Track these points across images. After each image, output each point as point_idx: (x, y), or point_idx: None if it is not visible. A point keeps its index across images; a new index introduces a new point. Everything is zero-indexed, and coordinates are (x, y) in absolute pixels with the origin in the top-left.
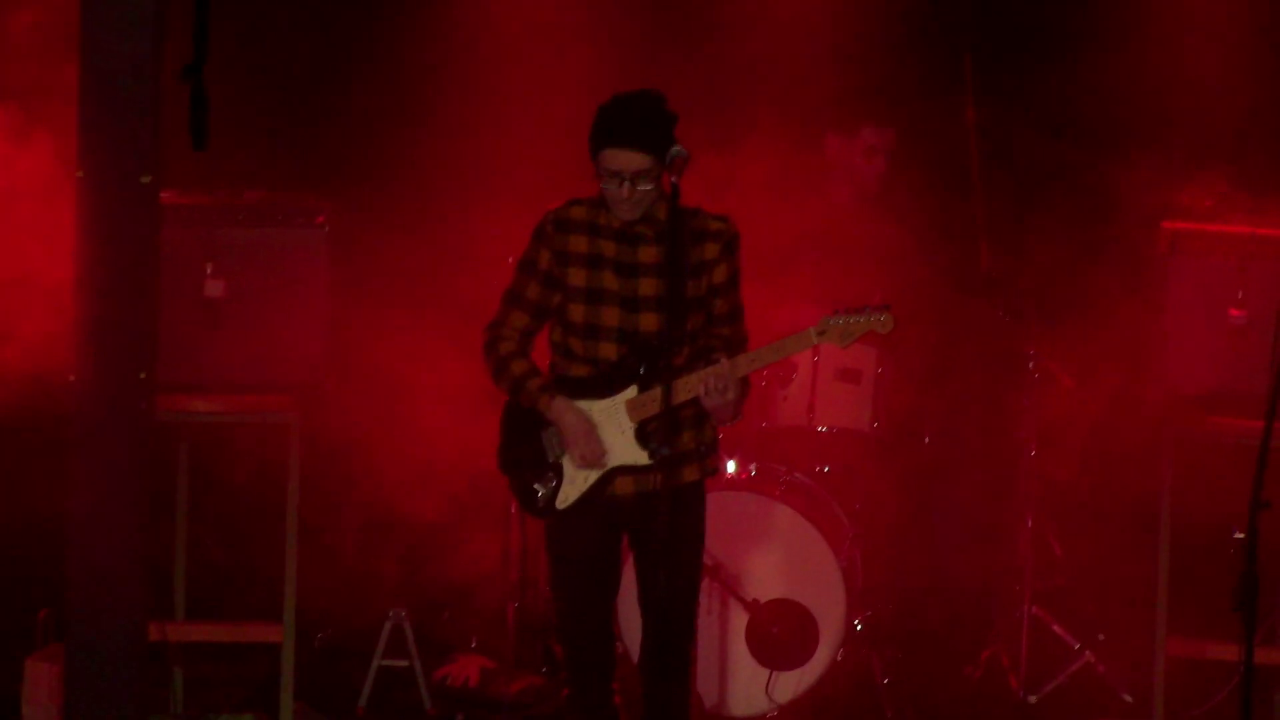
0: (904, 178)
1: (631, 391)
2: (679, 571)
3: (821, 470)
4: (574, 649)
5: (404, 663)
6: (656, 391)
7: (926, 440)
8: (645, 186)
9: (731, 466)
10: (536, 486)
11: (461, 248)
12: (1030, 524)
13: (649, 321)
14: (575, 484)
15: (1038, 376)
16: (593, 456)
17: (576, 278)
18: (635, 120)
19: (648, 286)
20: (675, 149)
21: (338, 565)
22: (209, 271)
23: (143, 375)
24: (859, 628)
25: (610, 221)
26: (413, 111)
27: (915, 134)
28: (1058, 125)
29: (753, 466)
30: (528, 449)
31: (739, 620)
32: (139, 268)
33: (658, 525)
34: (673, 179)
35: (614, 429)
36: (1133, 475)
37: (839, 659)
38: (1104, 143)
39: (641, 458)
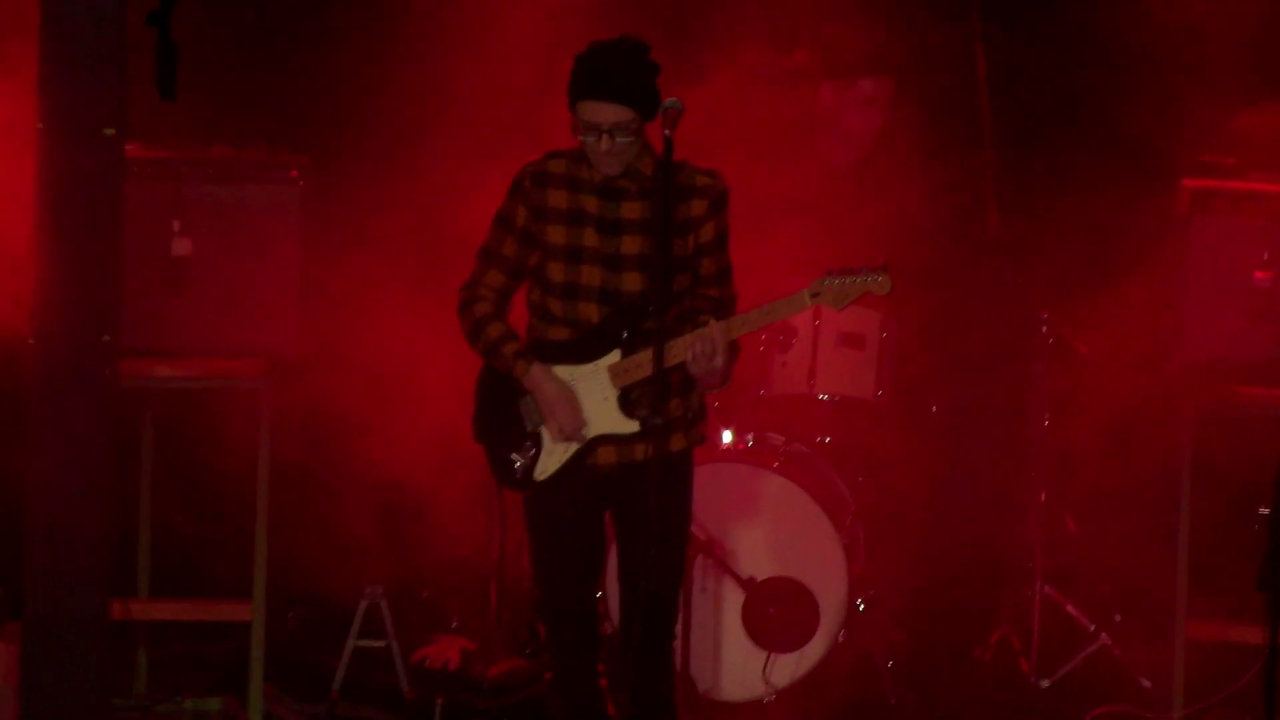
0: (905, 128)
1: (614, 356)
2: (665, 546)
3: (822, 441)
4: (556, 629)
5: (381, 643)
6: (640, 356)
7: (934, 409)
8: (625, 139)
9: (727, 437)
10: (513, 457)
11: (448, 205)
12: (1043, 498)
13: (632, 281)
14: (554, 455)
15: (1051, 342)
16: (572, 429)
17: (555, 235)
18: (614, 71)
19: (631, 244)
20: (668, 101)
21: (311, 540)
22: (176, 229)
23: (105, 339)
24: (861, 608)
25: (592, 176)
26: (393, 58)
27: (916, 81)
28: (1074, 70)
29: (749, 437)
30: (504, 417)
31: (734, 599)
32: (102, 225)
33: (646, 498)
34: (665, 132)
35: (596, 396)
36: (1151, 447)
37: (840, 641)
38: (1126, 89)
39: (625, 426)
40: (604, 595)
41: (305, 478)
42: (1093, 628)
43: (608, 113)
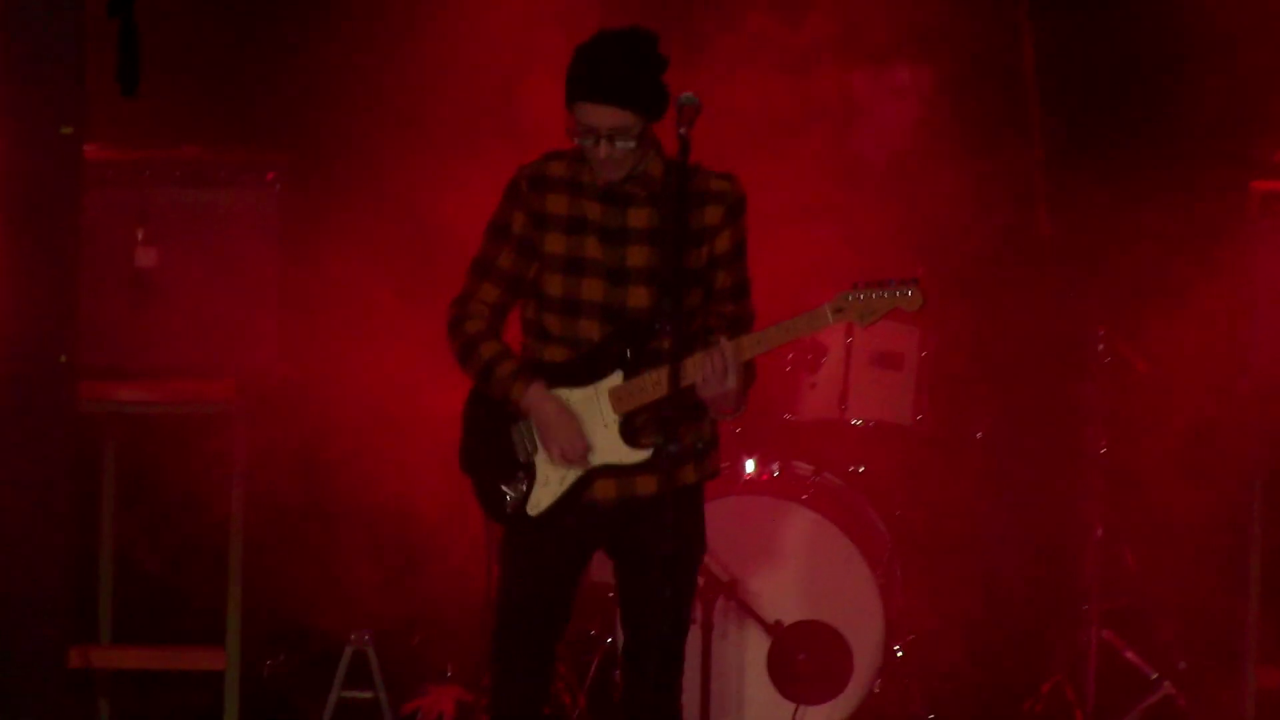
0: (945, 120)
1: (616, 378)
2: (673, 591)
3: (856, 471)
4: (507, 675)
5: (368, 694)
6: (645, 379)
7: (978, 436)
8: (625, 144)
9: (750, 466)
10: (505, 489)
11: (440, 210)
12: (1099, 533)
13: (638, 297)
14: (549, 487)
15: (1107, 360)
16: (575, 452)
17: (554, 244)
18: (615, 69)
19: (637, 256)
20: (684, 96)
21: (290, 581)
22: (140, 238)
23: (62, 359)
24: (899, 654)
25: (595, 179)
26: (376, 53)
27: (956, 68)
28: (1132, 60)
29: (775, 466)
30: (494, 446)
31: (759, 645)
32: (58, 233)
33: (652, 537)
34: (681, 130)
35: (595, 422)
36: (1218, 475)
37: (876, 691)
38: (1190, 81)
39: (628, 456)
40: (614, 640)
41: (284, 511)
42: (1154, 676)
43: (606, 116)
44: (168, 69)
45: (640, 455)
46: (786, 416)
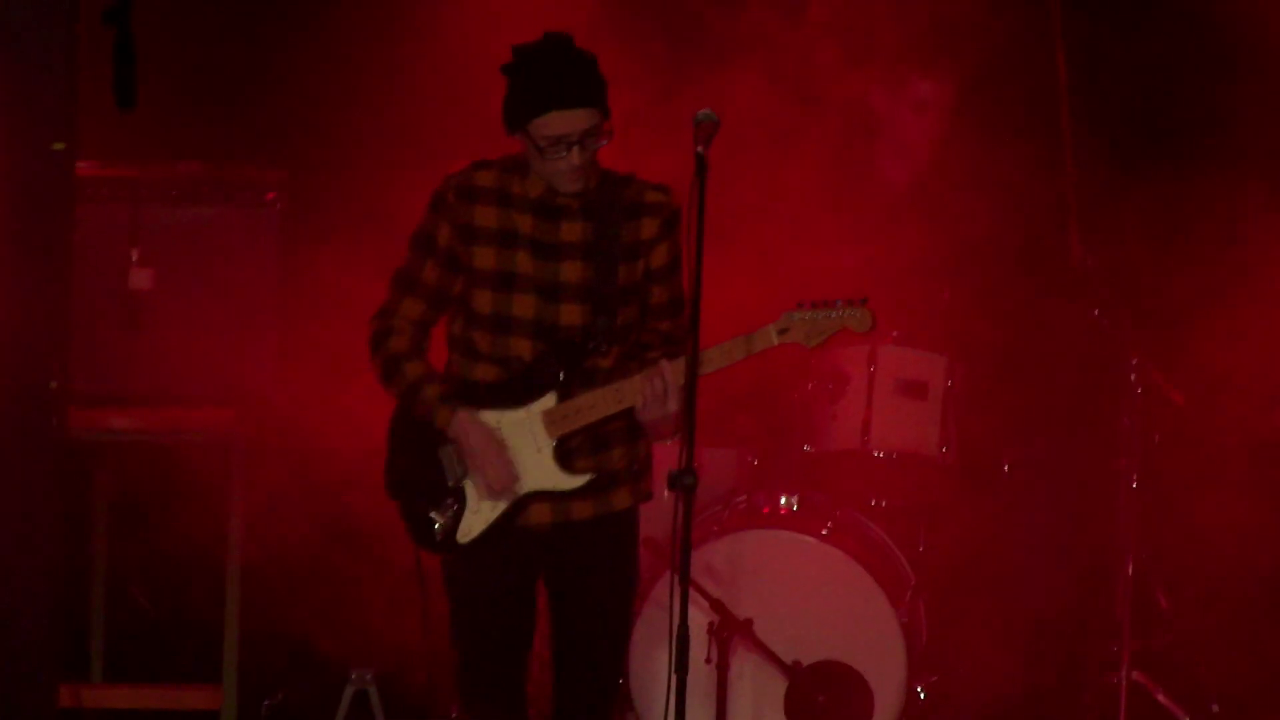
0: (970, 141)
1: (549, 400)
2: (606, 621)
3: (878, 504)
4: (478, 713)
5: None
6: (579, 401)
7: (1006, 469)
8: (596, 145)
9: (768, 500)
10: (433, 516)
11: None
12: (1131, 570)
13: (571, 314)
14: (480, 513)
15: (1141, 391)
16: (503, 484)
17: (484, 259)
18: (574, 73)
19: (570, 271)
20: (702, 112)
21: (289, 617)
22: (134, 259)
23: (53, 385)
24: (922, 696)
25: (526, 190)
26: (379, 69)
27: (986, 85)
28: (1174, 71)
29: (794, 500)
30: (421, 469)
31: (776, 687)
32: (49, 253)
33: (585, 564)
34: (699, 148)
35: (528, 446)
36: (1255, 511)
37: None
38: (1238, 94)
39: (562, 482)
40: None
41: (283, 545)
42: (1187, 719)
43: (579, 120)
44: (164, 83)
45: (575, 481)
46: (806, 448)
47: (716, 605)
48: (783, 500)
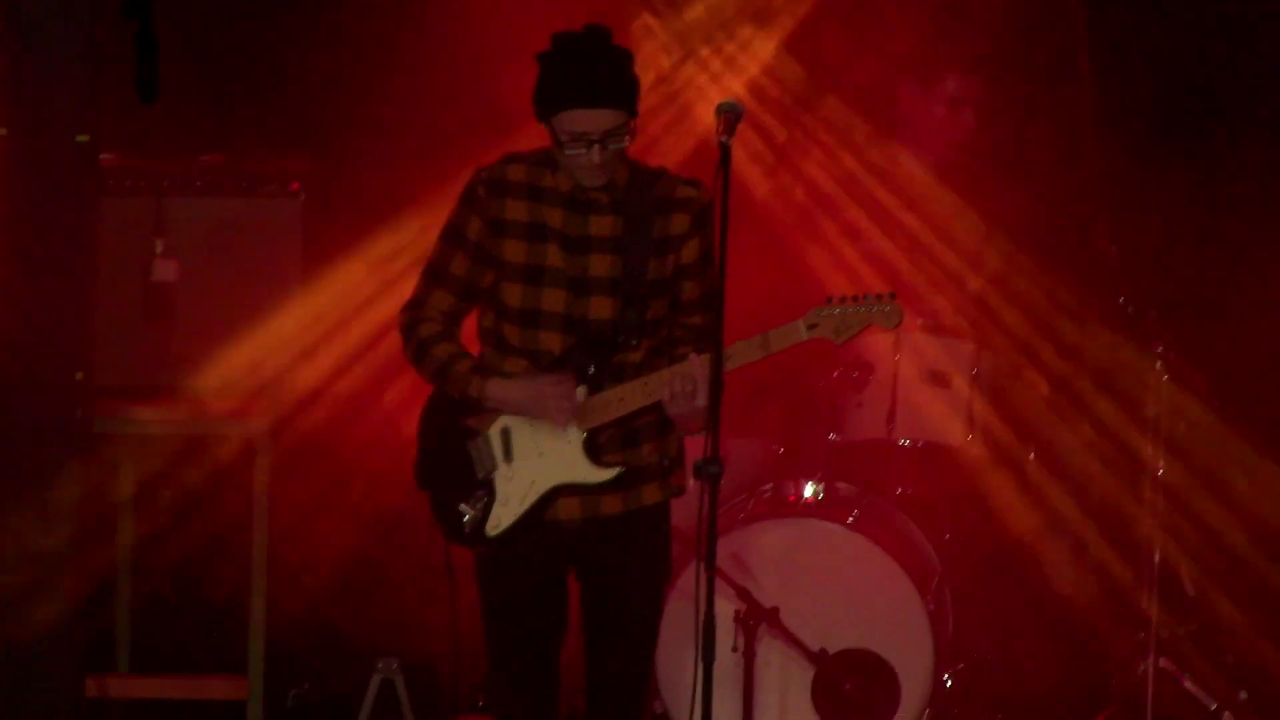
0: (996, 131)
1: (580, 394)
2: (636, 617)
3: (904, 493)
4: (510, 707)
5: None
6: (609, 394)
7: (1031, 457)
8: (617, 145)
9: (794, 488)
10: (463, 508)
11: None
12: (1157, 558)
13: (600, 308)
14: (510, 505)
15: (1166, 380)
16: (566, 411)
17: (514, 252)
18: (601, 71)
19: (600, 265)
20: (726, 102)
21: (316, 607)
22: (159, 250)
23: (78, 377)
24: (949, 684)
25: (557, 184)
26: (403, 58)
27: (1013, 83)
28: (1203, 62)
29: (819, 488)
30: (451, 462)
31: (803, 675)
32: (74, 245)
33: (615, 560)
34: (723, 138)
35: (558, 439)
36: None
37: None
38: (1251, 93)
39: (591, 475)
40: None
41: (309, 535)
42: (1214, 706)
43: (600, 120)
44: (187, 76)
45: (604, 475)
46: (832, 437)
47: (743, 594)
48: (808, 489)
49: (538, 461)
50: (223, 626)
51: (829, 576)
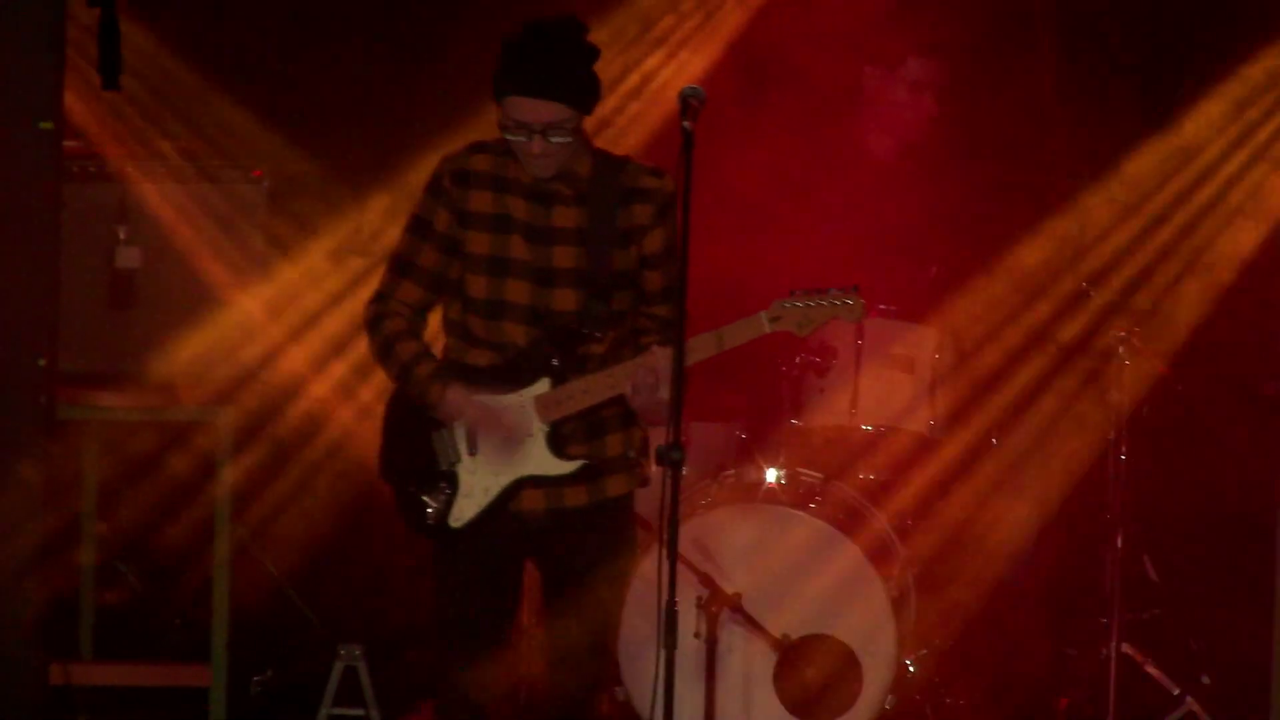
0: (961, 121)
1: (543, 385)
2: (598, 607)
3: (867, 478)
4: (454, 700)
5: (359, 712)
6: (573, 386)
7: (994, 442)
8: (560, 139)
9: (755, 474)
10: (426, 500)
11: None
12: (1120, 543)
13: (564, 299)
14: (473, 498)
15: (1128, 363)
16: (515, 439)
17: (478, 244)
18: (546, 62)
19: (564, 256)
20: (688, 88)
21: (279, 594)
22: (122, 237)
23: (41, 363)
24: (912, 670)
25: (520, 175)
26: (370, 42)
27: (976, 66)
28: (1156, 54)
29: (782, 474)
30: (415, 454)
31: (765, 661)
32: (36, 232)
33: (579, 552)
34: (685, 124)
35: (521, 431)
36: (1244, 482)
37: (887, 708)
38: (1226, 64)
39: (555, 467)
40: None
41: (273, 522)
42: (1177, 691)
43: (540, 111)
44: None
45: (568, 467)
46: (794, 422)
47: (705, 580)
48: (771, 474)
49: (501, 454)
50: (187, 614)
51: (792, 563)
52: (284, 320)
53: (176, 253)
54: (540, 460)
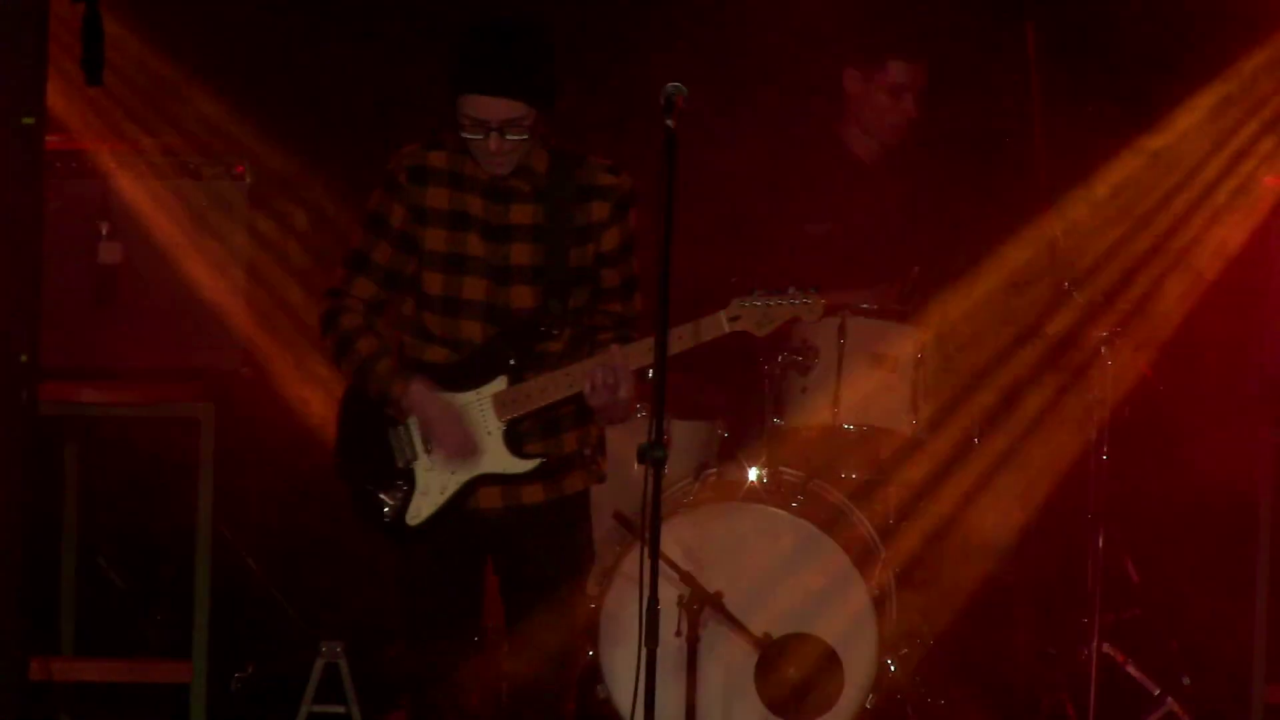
0: (943, 117)
1: (500, 384)
2: (558, 603)
3: (848, 477)
4: (419, 700)
5: (340, 709)
6: (530, 385)
7: (976, 441)
8: (517, 137)
9: (737, 473)
10: (382, 498)
11: None
12: (1101, 543)
13: (521, 297)
14: (430, 495)
15: (1110, 364)
16: (464, 452)
17: (434, 241)
18: (504, 59)
19: (521, 254)
20: (670, 85)
21: (260, 591)
22: (104, 233)
23: (23, 359)
24: (893, 669)
25: (476, 172)
26: (355, 38)
27: (957, 68)
28: (1139, 54)
29: (764, 473)
30: (370, 451)
31: (746, 660)
32: (18, 228)
33: (536, 549)
34: (667, 122)
35: (478, 429)
36: (1226, 484)
37: (868, 707)
38: (1191, 77)
39: (512, 465)
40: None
41: (253, 518)
42: (1158, 692)
43: (497, 108)
44: (134, 58)
45: (525, 465)
46: (776, 421)
47: (686, 578)
48: (753, 473)
49: (459, 452)
50: (167, 609)
51: (773, 562)
52: (266, 316)
53: (159, 248)
54: (497, 458)
